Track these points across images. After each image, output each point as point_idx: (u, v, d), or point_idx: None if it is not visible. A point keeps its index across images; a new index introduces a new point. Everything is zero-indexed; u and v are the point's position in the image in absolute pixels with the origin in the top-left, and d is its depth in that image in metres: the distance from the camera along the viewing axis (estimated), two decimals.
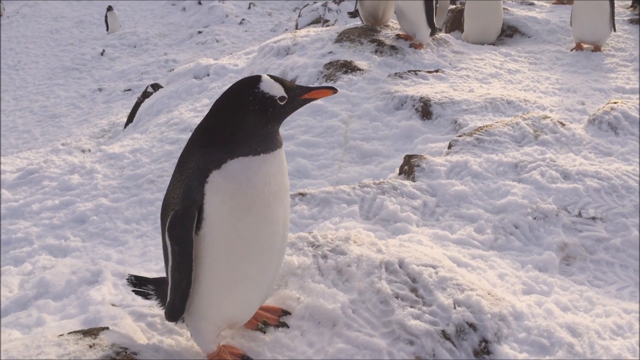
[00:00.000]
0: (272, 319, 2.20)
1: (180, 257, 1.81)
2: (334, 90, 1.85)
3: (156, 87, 8.39)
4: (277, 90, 1.79)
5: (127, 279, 2.25)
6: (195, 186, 1.77)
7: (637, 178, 3.34)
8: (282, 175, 1.87)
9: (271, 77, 1.82)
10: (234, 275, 1.88)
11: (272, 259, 1.95)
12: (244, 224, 1.80)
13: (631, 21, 7.86)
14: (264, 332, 2.17)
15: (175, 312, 1.93)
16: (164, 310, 2.07)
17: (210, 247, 1.81)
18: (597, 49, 6.82)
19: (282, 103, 1.79)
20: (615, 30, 6.92)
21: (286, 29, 14.19)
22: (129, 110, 8.87)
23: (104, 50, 14.87)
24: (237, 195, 1.76)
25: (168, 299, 1.95)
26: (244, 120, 1.77)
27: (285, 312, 2.23)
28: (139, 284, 2.23)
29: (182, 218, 1.77)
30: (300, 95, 1.83)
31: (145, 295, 2.22)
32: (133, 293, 2.27)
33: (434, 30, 6.28)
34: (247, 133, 1.77)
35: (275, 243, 1.92)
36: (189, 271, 1.82)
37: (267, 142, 1.80)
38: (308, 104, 1.92)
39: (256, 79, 1.80)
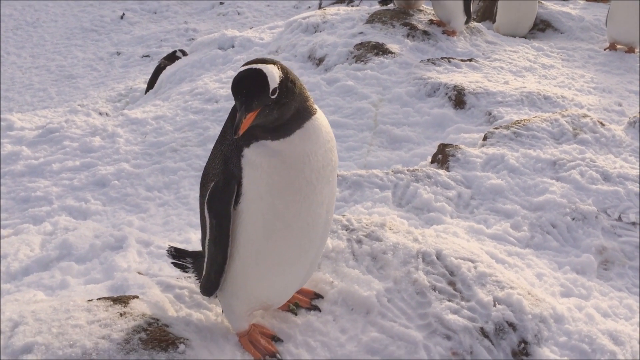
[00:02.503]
0: (304, 301, 2.15)
1: (217, 231, 1.75)
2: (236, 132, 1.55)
3: (184, 53, 8.25)
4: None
5: (167, 251, 2.20)
6: (233, 158, 1.70)
7: None
8: (325, 151, 1.76)
9: (268, 69, 1.61)
10: (271, 257, 1.80)
11: (313, 243, 1.85)
12: (283, 203, 1.70)
13: None
14: (296, 314, 2.11)
15: (210, 286, 1.88)
16: (199, 285, 2.01)
17: (247, 224, 1.73)
18: (631, 50, 6.66)
19: None
20: None
21: (309, 7, 13.95)
22: (147, 77, 8.76)
23: (123, 14, 14.67)
24: (274, 174, 1.67)
25: (204, 273, 1.90)
26: None
27: (318, 296, 2.17)
28: (179, 256, 2.17)
29: (221, 191, 1.71)
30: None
31: (184, 268, 2.16)
32: (172, 265, 2.22)
33: (469, 18, 6.13)
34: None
35: (317, 226, 1.82)
36: (226, 246, 1.76)
37: (277, 128, 1.67)
38: (339, 85, 1.76)
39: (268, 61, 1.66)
